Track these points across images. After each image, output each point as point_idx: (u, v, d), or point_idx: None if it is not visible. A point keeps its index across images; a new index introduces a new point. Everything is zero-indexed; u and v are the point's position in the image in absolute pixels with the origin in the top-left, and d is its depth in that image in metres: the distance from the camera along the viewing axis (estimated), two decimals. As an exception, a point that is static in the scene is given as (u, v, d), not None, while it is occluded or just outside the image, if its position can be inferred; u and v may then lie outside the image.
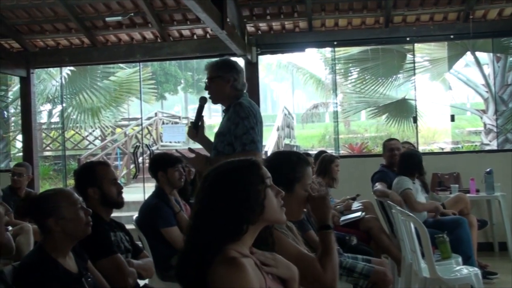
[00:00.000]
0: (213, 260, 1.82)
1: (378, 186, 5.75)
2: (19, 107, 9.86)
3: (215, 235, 1.85)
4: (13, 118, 12.27)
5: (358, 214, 5.66)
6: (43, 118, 15.41)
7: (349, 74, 11.35)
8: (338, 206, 5.80)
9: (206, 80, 3.90)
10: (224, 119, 3.83)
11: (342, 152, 12.12)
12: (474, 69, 11.81)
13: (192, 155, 3.83)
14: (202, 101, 3.95)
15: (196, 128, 3.92)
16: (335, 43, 8.38)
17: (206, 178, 1.99)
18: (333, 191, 6.02)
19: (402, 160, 5.67)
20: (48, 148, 15.60)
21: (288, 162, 2.59)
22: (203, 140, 4.00)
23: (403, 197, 5.36)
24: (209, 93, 3.90)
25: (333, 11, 7.81)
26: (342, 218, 5.52)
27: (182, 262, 1.92)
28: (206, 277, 1.82)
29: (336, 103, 10.54)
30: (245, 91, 3.91)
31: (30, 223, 5.27)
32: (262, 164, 2.02)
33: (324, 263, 2.43)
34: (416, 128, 8.89)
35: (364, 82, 11.10)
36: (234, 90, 3.82)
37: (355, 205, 5.97)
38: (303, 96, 30.70)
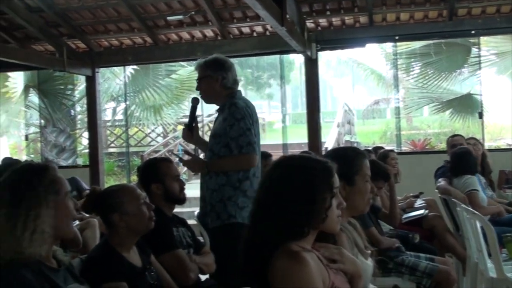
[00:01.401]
0: (274, 254, 1.82)
1: (442, 182, 5.59)
2: (85, 105, 10.18)
3: (276, 233, 1.84)
4: (79, 116, 12.64)
5: (421, 212, 5.54)
6: (108, 115, 15.80)
7: (411, 69, 11.11)
8: (400, 204, 5.70)
9: (197, 80, 3.88)
10: (218, 119, 3.80)
11: (404, 148, 11.90)
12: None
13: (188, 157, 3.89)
14: (194, 101, 3.92)
15: (190, 130, 3.93)
16: (397, 37, 8.25)
17: (276, 167, 1.97)
18: (396, 188, 5.91)
19: (453, 161, 5.47)
20: (112, 144, 15.99)
21: (346, 156, 2.56)
22: (198, 141, 4.02)
23: (467, 197, 5.20)
24: (200, 93, 3.89)
25: (394, 5, 7.68)
26: (404, 216, 5.42)
27: (244, 256, 1.93)
28: (267, 272, 1.82)
29: (398, 99, 10.36)
30: (238, 89, 3.86)
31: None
32: (335, 171, 1.98)
33: None
34: (482, 124, 8.63)
35: (426, 77, 10.84)
36: (224, 89, 3.76)
37: (418, 202, 5.85)
38: (363, 92, 30.33)
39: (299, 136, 12.69)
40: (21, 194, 1.96)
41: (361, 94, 30.85)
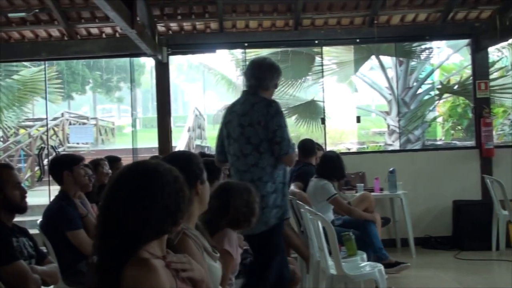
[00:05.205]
0: (127, 262, 1.80)
1: (292, 186, 5.83)
2: None
3: (136, 234, 1.83)
4: None
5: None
6: None
7: (260, 75, 11.46)
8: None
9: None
10: None
11: (253, 152, 12.21)
12: (379, 72, 12.27)
13: None
14: None
15: None
16: (246, 44, 8.44)
17: (125, 174, 1.95)
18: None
19: (324, 163, 5.78)
20: None
21: (186, 161, 2.58)
22: None
23: (332, 203, 5.52)
24: None
25: (244, 13, 7.87)
26: (253, 218, 5.56)
27: (96, 266, 1.87)
28: (120, 282, 1.79)
29: (247, 104, 10.59)
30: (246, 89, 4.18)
31: None
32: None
33: None
34: (324, 129, 9.11)
35: (274, 84, 11.24)
36: None
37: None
38: (214, 97, 30.75)
39: (149, 141, 12.57)
40: None
41: (212, 99, 31.24)
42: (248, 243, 3.80)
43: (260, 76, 4.00)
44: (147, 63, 25.62)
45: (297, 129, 12.19)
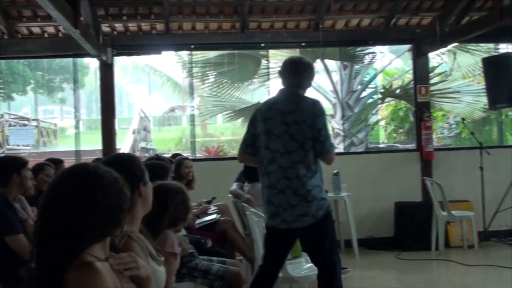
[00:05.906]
0: (69, 266, 1.76)
1: (234, 186, 5.87)
2: None
3: (78, 236, 1.79)
4: None
5: (213, 216, 5.73)
6: None
7: (206, 77, 11.46)
8: (194, 210, 5.82)
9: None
10: None
11: (199, 155, 12.19)
12: (324, 75, 12.42)
13: None
14: None
15: None
16: (192, 46, 8.41)
17: (65, 176, 1.91)
18: (191, 194, 6.02)
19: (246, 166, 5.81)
20: None
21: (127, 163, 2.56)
22: None
23: None
24: None
25: (190, 15, 7.84)
26: (198, 221, 5.55)
27: (37, 270, 1.82)
28: (62, 284, 1.75)
29: (193, 107, 10.59)
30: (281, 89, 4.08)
31: None
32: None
33: None
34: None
35: (220, 86, 11.26)
36: None
37: (212, 208, 6.03)
38: (160, 99, 30.49)
39: (93, 143, 12.35)
40: None
41: (158, 101, 30.98)
42: (298, 237, 3.95)
43: (300, 75, 4.01)
44: (91, 64, 25.19)
45: (243, 132, 12.22)
